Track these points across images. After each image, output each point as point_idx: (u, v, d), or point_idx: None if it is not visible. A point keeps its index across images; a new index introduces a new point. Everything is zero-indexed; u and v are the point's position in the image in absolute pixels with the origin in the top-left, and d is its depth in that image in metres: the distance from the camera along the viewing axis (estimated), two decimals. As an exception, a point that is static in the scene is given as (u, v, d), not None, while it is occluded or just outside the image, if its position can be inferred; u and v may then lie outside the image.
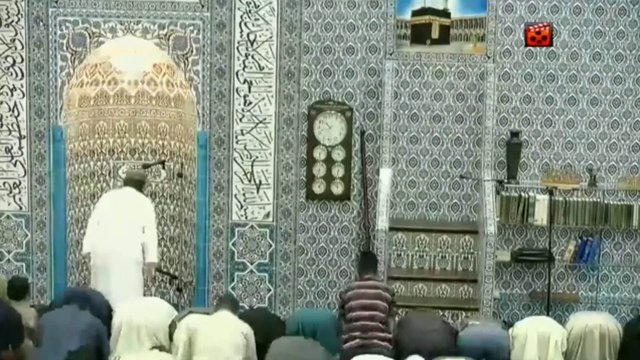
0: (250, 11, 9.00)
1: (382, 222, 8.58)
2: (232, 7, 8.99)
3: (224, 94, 9.11)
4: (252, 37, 9.03)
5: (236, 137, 9.15)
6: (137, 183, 8.92)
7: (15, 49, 9.02)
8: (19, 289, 7.77)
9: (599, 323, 7.37)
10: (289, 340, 7.16)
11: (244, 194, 9.19)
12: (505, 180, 9.02)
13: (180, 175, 9.54)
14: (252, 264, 9.28)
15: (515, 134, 9.11)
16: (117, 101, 9.66)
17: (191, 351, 6.97)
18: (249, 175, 9.16)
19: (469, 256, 9.18)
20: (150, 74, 9.58)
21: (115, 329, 7.31)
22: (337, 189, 9.29)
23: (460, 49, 9.19)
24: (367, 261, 8.05)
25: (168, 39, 9.02)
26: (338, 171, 9.27)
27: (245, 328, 7.06)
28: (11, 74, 9.06)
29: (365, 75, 9.18)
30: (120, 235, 8.60)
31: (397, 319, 7.91)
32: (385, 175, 8.87)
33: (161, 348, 7.15)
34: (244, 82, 9.08)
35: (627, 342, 7.31)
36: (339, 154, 9.26)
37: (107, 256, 8.57)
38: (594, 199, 9.09)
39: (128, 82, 9.60)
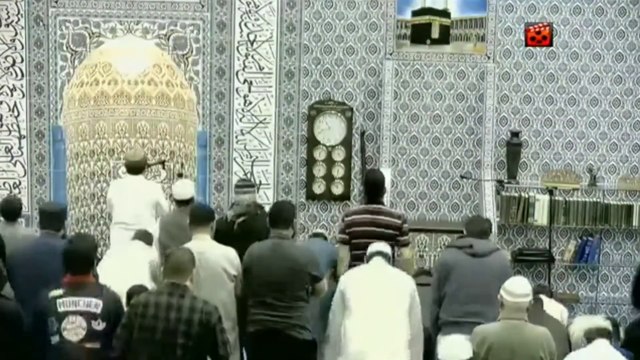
0: (250, 11, 9.00)
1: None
2: (232, 7, 8.99)
3: (224, 94, 9.11)
4: (252, 37, 9.03)
5: (236, 137, 9.15)
6: (140, 169, 8.60)
7: (15, 49, 9.01)
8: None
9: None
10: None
11: (244, 194, 9.18)
12: (505, 180, 9.03)
13: (180, 175, 9.51)
14: (252, 264, 9.27)
15: (515, 134, 9.11)
16: (117, 101, 9.64)
17: None
18: (249, 175, 9.16)
19: (469, 256, 9.16)
20: (150, 74, 9.58)
21: None
22: (337, 189, 9.29)
23: (460, 49, 9.18)
24: (374, 185, 7.06)
25: (168, 39, 9.02)
26: (338, 171, 9.27)
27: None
28: (11, 74, 9.05)
29: (365, 75, 9.18)
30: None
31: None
32: (385, 175, 8.85)
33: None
34: (244, 82, 9.08)
35: (628, 344, 7.29)
36: (339, 154, 9.26)
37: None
38: (594, 199, 9.10)
39: (128, 82, 9.60)
